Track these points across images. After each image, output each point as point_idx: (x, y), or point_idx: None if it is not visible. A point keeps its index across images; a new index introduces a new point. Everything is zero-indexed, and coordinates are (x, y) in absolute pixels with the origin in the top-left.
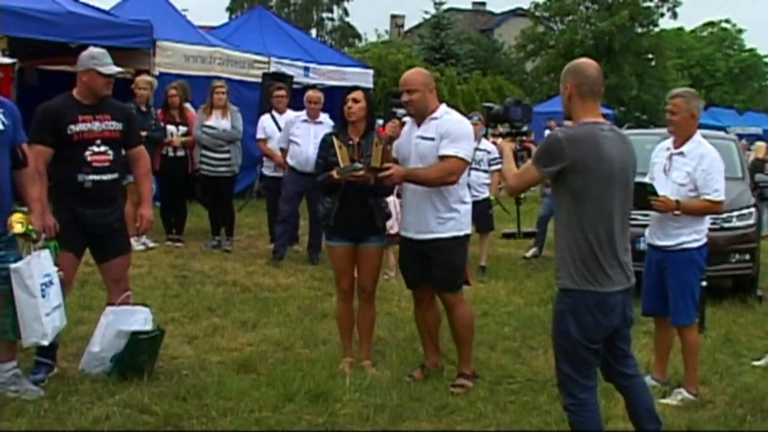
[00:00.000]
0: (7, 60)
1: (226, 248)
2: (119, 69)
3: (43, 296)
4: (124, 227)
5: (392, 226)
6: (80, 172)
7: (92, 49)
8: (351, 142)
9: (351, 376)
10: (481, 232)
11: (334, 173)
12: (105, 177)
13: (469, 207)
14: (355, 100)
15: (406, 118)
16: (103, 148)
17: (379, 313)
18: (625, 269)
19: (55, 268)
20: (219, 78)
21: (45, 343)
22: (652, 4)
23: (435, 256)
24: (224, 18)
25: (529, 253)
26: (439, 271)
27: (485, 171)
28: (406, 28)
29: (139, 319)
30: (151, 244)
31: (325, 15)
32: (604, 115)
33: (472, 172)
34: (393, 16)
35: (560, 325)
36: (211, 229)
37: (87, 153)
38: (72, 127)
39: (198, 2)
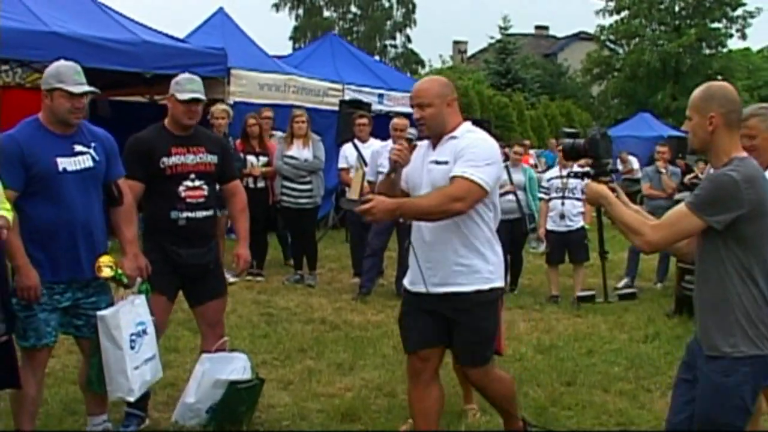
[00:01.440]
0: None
1: (310, 283)
2: (193, 95)
3: (132, 348)
4: (220, 267)
5: None
6: (174, 208)
7: (179, 76)
8: None
9: (465, 426)
10: (576, 263)
11: None
12: (199, 214)
13: (500, 251)
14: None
15: (423, 141)
16: (197, 183)
17: None
18: None
19: (151, 316)
20: (294, 107)
21: (131, 399)
22: (720, 25)
23: (456, 318)
24: (287, 47)
25: (621, 284)
26: (462, 338)
27: (579, 199)
28: (469, 53)
29: (238, 367)
30: (232, 279)
31: (388, 42)
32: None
33: (566, 201)
34: (455, 42)
35: (735, 401)
36: (293, 262)
37: (181, 188)
38: (165, 160)
39: (261, 32)
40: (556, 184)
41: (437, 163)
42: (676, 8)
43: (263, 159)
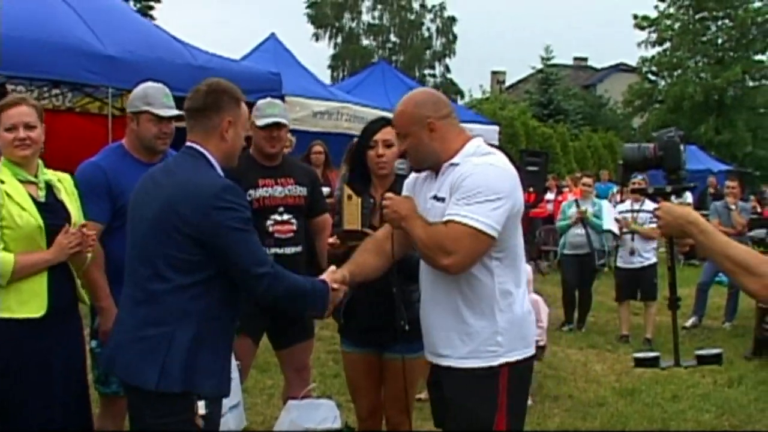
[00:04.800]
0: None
1: None
2: (274, 120)
3: None
4: None
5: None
6: (261, 244)
7: (259, 101)
8: (372, 201)
9: None
10: (646, 302)
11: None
12: (288, 250)
13: (521, 318)
14: (388, 144)
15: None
16: (286, 217)
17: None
18: None
19: (236, 361)
20: (347, 135)
21: None
22: (765, 58)
23: (447, 392)
24: (326, 76)
25: (689, 323)
26: (449, 419)
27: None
28: (507, 83)
29: (328, 416)
30: None
31: (427, 72)
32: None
33: (636, 236)
34: (494, 73)
35: None
36: None
37: (268, 222)
38: (252, 192)
39: (301, 61)
40: (626, 218)
41: (437, 199)
42: (720, 41)
43: (325, 189)
